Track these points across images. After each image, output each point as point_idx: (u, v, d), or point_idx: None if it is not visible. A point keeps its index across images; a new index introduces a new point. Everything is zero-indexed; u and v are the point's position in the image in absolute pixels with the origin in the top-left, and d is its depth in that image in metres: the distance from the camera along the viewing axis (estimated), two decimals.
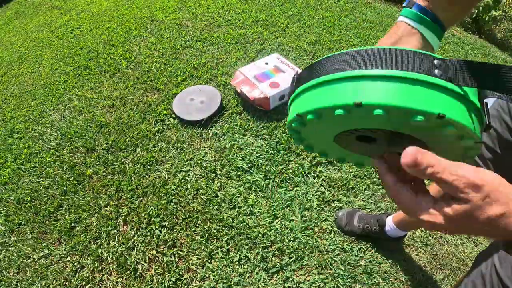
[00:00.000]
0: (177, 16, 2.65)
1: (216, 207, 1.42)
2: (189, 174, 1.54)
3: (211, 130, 1.73)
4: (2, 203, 1.50)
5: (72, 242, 1.33)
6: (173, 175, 1.54)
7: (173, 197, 1.46)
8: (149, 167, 1.57)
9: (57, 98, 2.03)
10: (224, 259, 1.28)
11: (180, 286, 1.22)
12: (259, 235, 1.34)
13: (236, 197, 1.46)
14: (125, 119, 1.80)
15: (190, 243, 1.32)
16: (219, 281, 1.22)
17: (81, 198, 1.47)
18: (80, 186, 1.52)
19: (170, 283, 1.22)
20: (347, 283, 1.24)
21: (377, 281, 1.26)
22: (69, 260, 1.29)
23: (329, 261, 1.28)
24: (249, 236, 1.34)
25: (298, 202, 1.45)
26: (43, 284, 1.22)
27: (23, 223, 1.41)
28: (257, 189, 1.49)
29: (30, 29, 2.97)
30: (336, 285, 1.23)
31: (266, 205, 1.45)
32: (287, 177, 1.54)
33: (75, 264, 1.27)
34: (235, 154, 1.61)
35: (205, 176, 1.53)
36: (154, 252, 1.29)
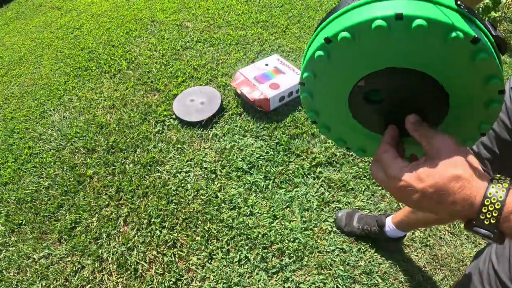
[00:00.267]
0: (177, 17, 2.66)
1: (216, 207, 1.43)
2: (189, 175, 1.55)
3: (211, 131, 1.73)
4: (2, 203, 1.51)
5: (73, 242, 1.33)
6: (173, 175, 1.54)
7: (174, 197, 1.46)
8: (149, 167, 1.58)
9: (58, 98, 2.03)
10: (224, 259, 1.28)
11: (180, 286, 1.23)
12: (259, 235, 1.34)
13: (236, 197, 1.46)
14: (126, 120, 1.80)
15: (190, 243, 1.33)
16: (219, 281, 1.23)
17: (81, 199, 1.47)
18: (80, 187, 1.52)
19: (171, 283, 1.22)
20: (346, 284, 1.25)
21: (376, 282, 1.27)
22: (69, 260, 1.29)
23: (328, 261, 1.29)
24: (249, 236, 1.34)
25: (298, 202, 1.46)
26: (43, 284, 1.23)
27: (23, 223, 1.42)
28: (257, 190, 1.49)
29: (31, 29, 2.98)
30: (335, 286, 1.24)
31: (266, 205, 1.45)
32: (287, 178, 1.54)
33: (76, 264, 1.27)
34: (235, 155, 1.62)
35: (205, 176, 1.54)
36: (155, 252, 1.30)
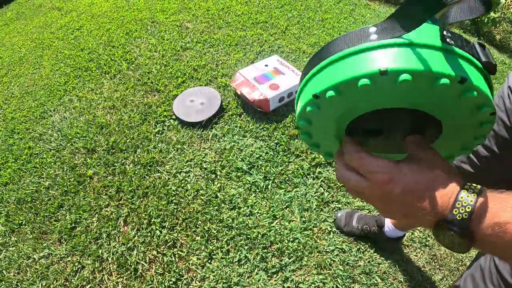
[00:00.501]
0: (177, 18, 2.66)
1: (216, 207, 1.43)
2: (189, 175, 1.55)
3: (211, 131, 1.74)
4: (2, 203, 1.51)
5: (73, 242, 1.33)
6: (173, 176, 1.55)
7: (173, 197, 1.47)
8: (149, 168, 1.58)
9: (58, 99, 2.04)
10: (224, 259, 1.29)
11: (180, 286, 1.23)
12: (259, 235, 1.35)
13: (236, 198, 1.46)
14: (126, 120, 1.81)
15: (190, 243, 1.33)
16: (219, 281, 1.23)
17: (81, 199, 1.48)
18: (80, 187, 1.52)
19: (170, 283, 1.22)
20: (346, 283, 1.25)
21: (376, 281, 1.27)
22: (69, 260, 1.29)
23: (328, 261, 1.29)
24: (249, 236, 1.34)
25: (297, 203, 1.46)
26: (43, 284, 1.23)
27: (23, 223, 1.42)
28: (257, 190, 1.50)
29: (31, 30, 2.98)
30: (335, 285, 1.24)
31: (265, 205, 1.45)
32: (287, 178, 1.55)
33: (76, 264, 1.28)
34: (235, 155, 1.62)
35: (205, 177, 1.54)
36: (155, 252, 1.30)
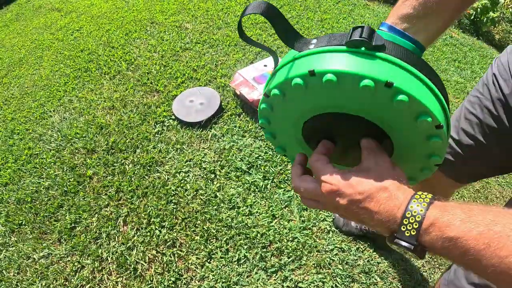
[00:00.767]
0: (177, 19, 2.67)
1: (216, 207, 1.44)
2: (188, 175, 1.55)
3: (210, 131, 1.74)
4: (2, 203, 1.51)
5: (72, 242, 1.34)
6: (172, 175, 1.55)
7: (173, 197, 1.47)
8: (149, 168, 1.58)
9: (58, 99, 2.04)
10: (223, 259, 1.29)
11: (180, 285, 1.23)
12: (258, 235, 1.35)
13: (235, 197, 1.47)
14: (125, 121, 1.81)
15: (190, 243, 1.33)
16: (218, 281, 1.23)
17: (81, 199, 1.48)
18: (80, 187, 1.53)
19: (170, 282, 1.23)
20: (345, 283, 1.25)
21: (375, 281, 1.27)
22: (69, 260, 1.30)
23: (327, 260, 1.30)
24: (248, 236, 1.35)
25: (296, 202, 1.46)
26: (43, 284, 1.23)
27: (23, 223, 1.42)
28: (256, 190, 1.50)
29: (31, 31, 2.99)
30: (334, 285, 1.24)
31: (265, 205, 1.46)
32: (286, 178, 1.55)
33: (75, 264, 1.28)
34: (234, 155, 1.63)
35: (205, 176, 1.55)
36: (154, 252, 1.30)
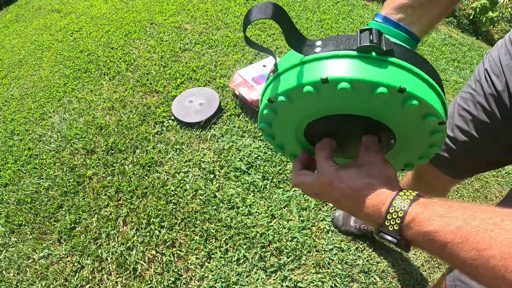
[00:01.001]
0: (176, 19, 2.67)
1: (215, 207, 1.44)
2: (188, 175, 1.56)
3: (209, 131, 1.74)
4: (2, 204, 1.52)
5: (72, 243, 1.34)
6: (172, 176, 1.55)
7: (172, 197, 1.47)
8: (148, 168, 1.59)
9: (57, 100, 2.05)
10: (222, 258, 1.29)
11: (179, 285, 1.23)
12: (257, 235, 1.35)
13: (235, 197, 1.47)
14: (125, 121, 1.82)
15: (189, 243, 1.33)
16: (217, 281, 1.24)
17: (81, 199, 1.48)
18: (80, 187, 1.53)
19: (169, 282, 1.23)
20: (344, 282, 1.25)
21: (374, 280, 1.27)
22: (69, 261, 1.30)
23: (326, 260, 1.30)
24: (248, 236, 1.35)
25: (295, 202, 1.46)
26: (43, 284, 1.24)
27: (23, 224, 1.43)
28: (255, 190, 1.50)
29: (30, 32, 2.99)
30: (334, 284, 1.25)
31: (264, 205, 1.46)
32: (285, 178, 1.55)
33: (75, 264, 1.28)
34: (234, 155, 1.63)
35: (204, 177, 1.55)
36: (154, 252, 1.31)
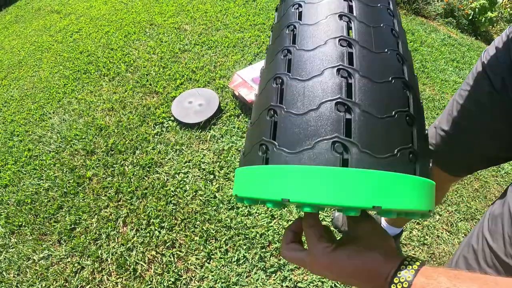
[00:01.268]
0: (176, 20, 2.68)
1: (215, 208, 1.44)
2: (187, 176, 1.56)
3: (209, 132, 1.75)
4: (2, 205, 1.52)
5: (72, 243, 1.34)
6: (172, 176, 1.55)
7: (172, 198, 1.47)
8: (148, 169, 1.59)
9: (57, 101, 2.05)
10: (222, 259, 1.29)
11: (179, 286, 1.23)
12: (257, 235, 1.35)
13: (234, 198, 1.47)
14: (125, 122, 1.82)
15: (189, 243, 1.34)
16: (217, 281, 1.24)
17: (81, 200, 1.48)
18: (80, 188, 1.53)
19: (169, 283, 1.23)
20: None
21: None
22: (69, 261, 1.30)
23: None
24: (247, 236, 1.35)
25: None
26: (43, 285, 1.24)
27: (23, 224, 1.43)
28: None
29: (30, 33, 2.99)
30: (333, 284, 1.25)
31: (263, 205, 1.46)
32: None
33: (75, 265, 1.28)
34: (233, 156, 1.63)
35: (204, 177, 1.55)
36: (154, 252, 1.31)
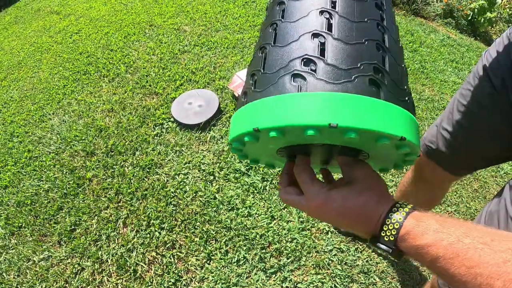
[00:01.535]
0: (175, 21, 2.68)
1: (215, 209, 1.44)
2: (187, 177, 1.56)
3: (209, 133, 1.75)
4: (2, 206, 1.52)
5: (72, 245, 1.34)
6: (172, 178, 1.56)
7: (172, 199, 1.47)
8: (148, 170, 1.59)
9: (57, 102, 2.05)
10: (222, 260, 1.29)
11: (180, 287, 1.24)
12: (257, 236, 1.35)
13: (234, 199, 1.47)
14: (124, 123, 1.82)
15: (189, 244, 1.34)
16: (217, 282, 1.24)
17: (81, 201, 1.48)
18: (80, 189, 1.53)
19: (170, 284, 1.23)
20: (344, 283, 1.26)
21: (374, 281, 1.28)
22: (69, 262, 1.30)
23: (326, 261, 1.30)
24: (247, 237, 1.35)
25: None
26: (43, 287, 1.24)
27: (23, 226, 1.43)
28: (255, 191, 1.51)
29: (29, 34, 2.99)
30: (333, 285, 1.25)
31: (263, 206, 1.46)
32: None
33: (75, 266, 1.28)
34: (233, 157, 1.63)
35: (204, 178, 1.55)
36: (154, 253, 1.31)
